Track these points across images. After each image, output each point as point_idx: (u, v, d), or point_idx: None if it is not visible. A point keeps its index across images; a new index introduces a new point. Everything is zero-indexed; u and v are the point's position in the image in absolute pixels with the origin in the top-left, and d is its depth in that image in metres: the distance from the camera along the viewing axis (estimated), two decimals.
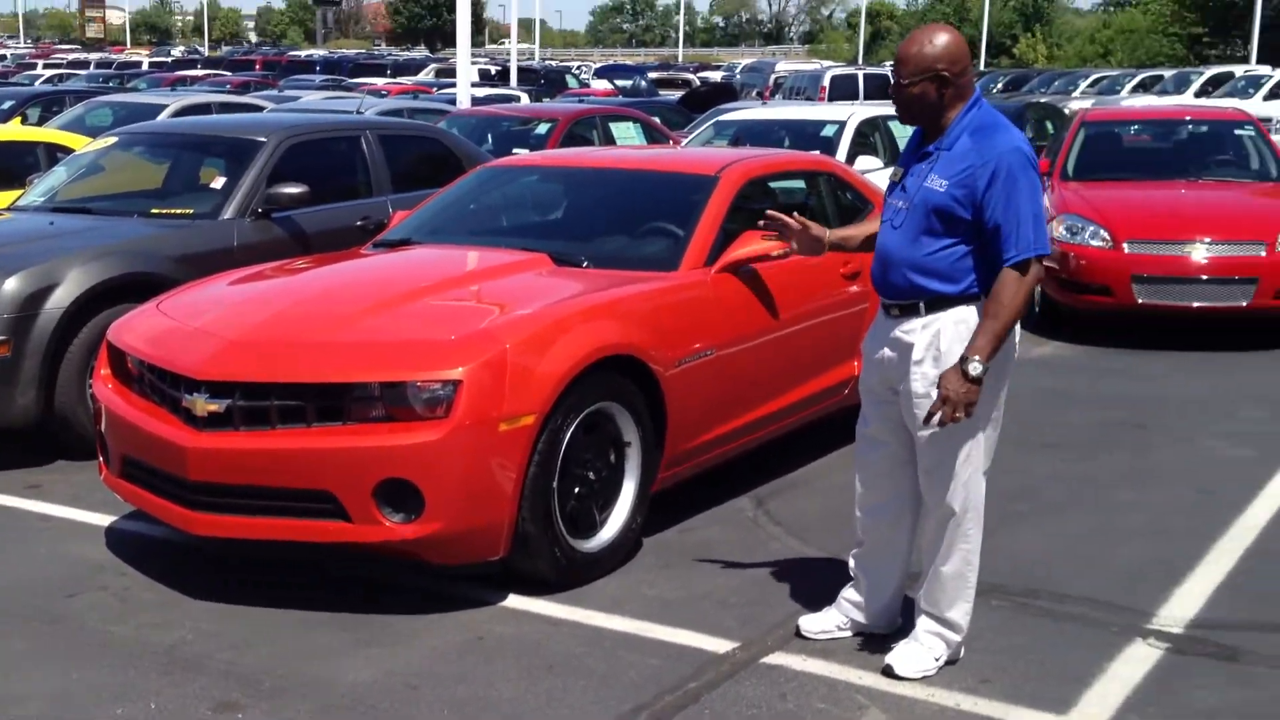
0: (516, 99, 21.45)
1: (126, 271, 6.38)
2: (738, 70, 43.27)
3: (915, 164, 3.97)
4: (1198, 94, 27.28)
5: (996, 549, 5.08)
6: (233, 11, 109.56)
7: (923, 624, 4.14)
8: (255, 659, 4.19)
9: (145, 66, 39.49)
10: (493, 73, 31.88)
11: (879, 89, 24.03)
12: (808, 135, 10.78)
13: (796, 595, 4.69)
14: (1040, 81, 35.63)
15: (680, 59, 70.12)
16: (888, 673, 4.07)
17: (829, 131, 10.69)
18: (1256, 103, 23.53)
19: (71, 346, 6.17)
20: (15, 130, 10.88)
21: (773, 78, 32.11)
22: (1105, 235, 8.96)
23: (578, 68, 44.68)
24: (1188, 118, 11.71)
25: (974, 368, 3.74)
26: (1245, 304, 8.72)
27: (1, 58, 48.98)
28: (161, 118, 11.97)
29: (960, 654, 4.15)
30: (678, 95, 23.15)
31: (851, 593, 4.34)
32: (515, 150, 10.94)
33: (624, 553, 4.96)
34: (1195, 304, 8.77)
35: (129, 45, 78.48)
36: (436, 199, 6.45)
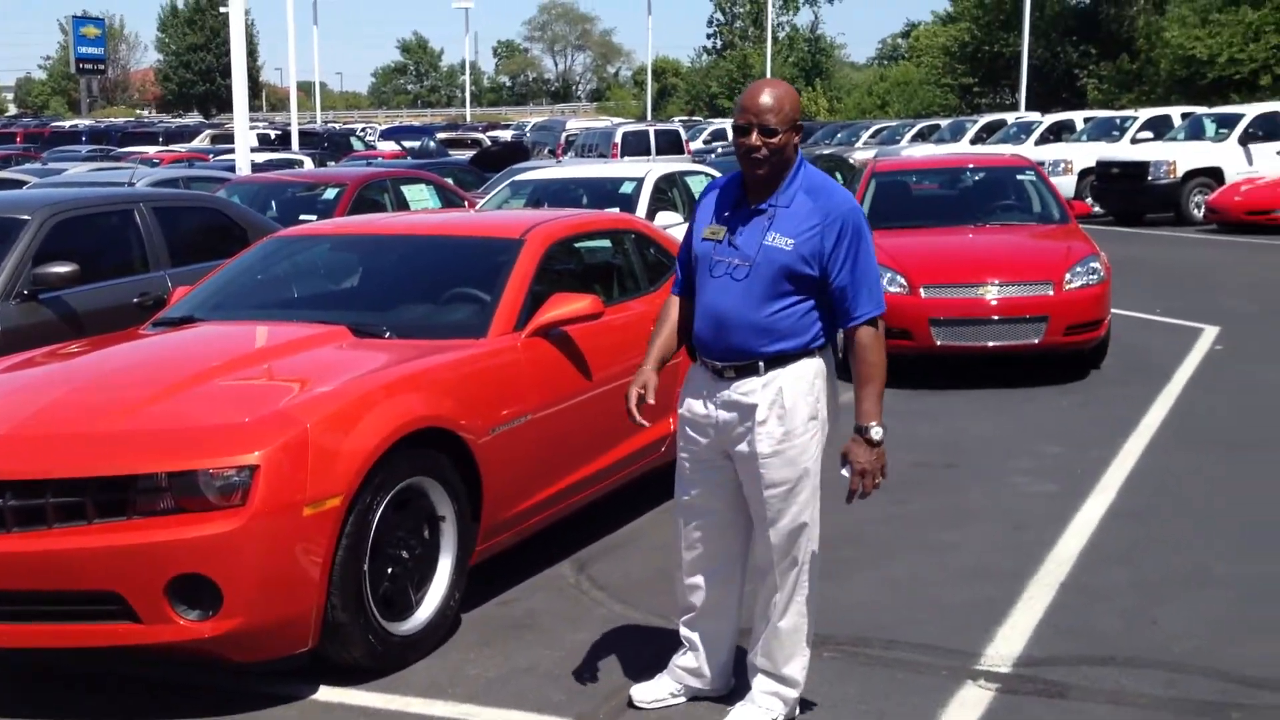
0: (299, 164, 20.95)
1: None
2: (528, 129, 43.38)
3: (743, 221, 3.85)
4: (973, 141, 28.45)
5: (824, 598, 4.99)
6: None
7: (759, 684, 4.04)
8: None
9: None
10: (273, 137, 31.19)
11: (670, 144, 24.37)
12: (606, 193, 10.75)
13: (626, 663, 4.53)
14: (824, 133, 36.80)
15: (468, 118, 70.05)
16: None
17: (627, 189, 10.68)
18: (1029, 147, 24.64)
19: None
20: None
21: (564, 135, 32.25)
22: (902, 281, 9.14)
23: (363, 130, 44.11)
24: (971, 165, 12.11)
25: (876, 433, 3.75)
26: (1037, 341, 9.00)
27: None
28: None
29: (797, 711, 4.07)
30: (469, 155, 23.03)
31: (684, 659, 4.21)
32: (303, 217, 10.58)
33: (443, 632, 4.76)
34: (990, 344, 9.02)
35: None
36: (221, 272, 6.13)
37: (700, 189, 9.87)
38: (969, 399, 8.84)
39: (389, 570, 4.50)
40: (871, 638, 4.75)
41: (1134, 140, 23.66)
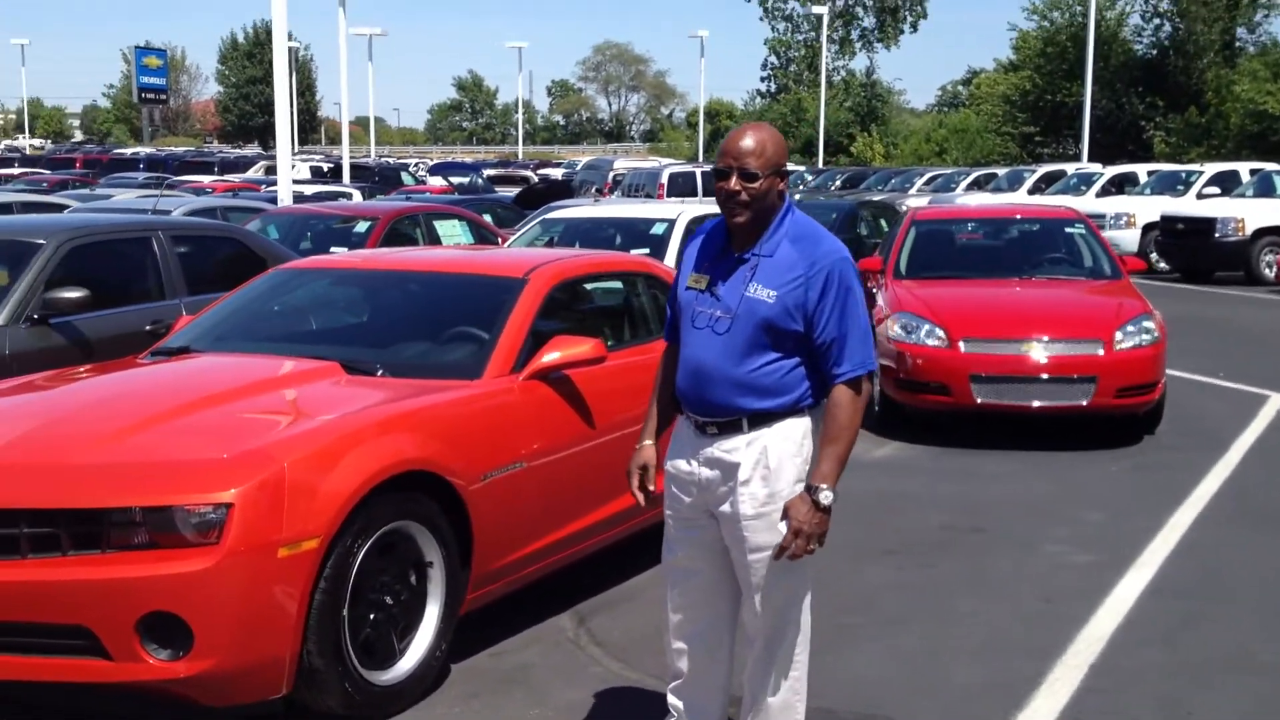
0: (348, 196, 20.95)
1: None
2: (578, 167, 43.42)
3: (725, 270, 3.61)
4: (1031, 191, 27.95)
5: (829, 669, 4.78)
6: (56, 110, 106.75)
7: None
8: None
9: None
10: (325, 170, 31.35)
11: None
12: (637, 233, 10.51)
13: None
14: (877, 179, 36.43)
15: (520, 156, 70.37)
16: None
17: (659, 230, 10.42)
18: (1089, 199, 24.17)
19: None
20: None
21: (611, 175, 32.19)
22: (940, 334, 8.82)
23: (415, 165, 44.31)
24: (1019, 216, 11.74)
25: (825, 496, 3.50)
26: (1085, 403, 8.59)
27: None
28: None
29: None
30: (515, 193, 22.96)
31: None
32: (333, 250, 10.45)
33: (428, 682, 4.55)
34: (1035, 403, 8.62)
35: None
36: (223, 303, 5.98)
37: None
38: (1007, 459, 8.47)
39: (371, 616, 4.32)
40: (876, 715, 4.45)
41: (1200, 195, 23.03)
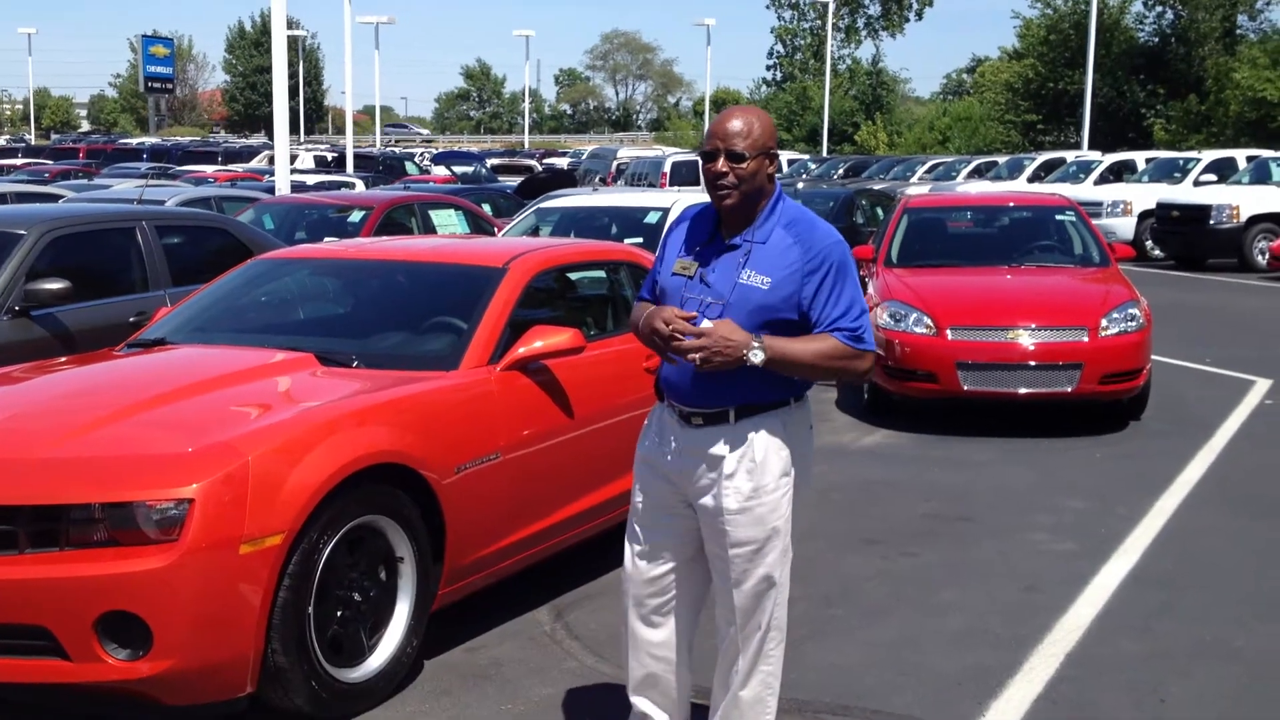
0: (350, 186, 20.93)
1: None
2: (584, 156, 43.35)
3: (715, 257, 3.55)
4: (1030, 179, 27.89)
5: (807, 659, 4.77)
6: (63, 100, 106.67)
7: None
8: None
9: None
10: (329, 159, 31.31)
11: None
12: (632, 221, 10.48)
13: None
14: (879, 167, 36.42)
15: (526, 145, 70.20)
16: None
17: (653, 218, 10.40)
18: (1088, 186, 24.13)
19: None
20: None
21: (615, 164, 32.11)
22: (928, 322, 8.79)
23: (420, 154, 44.24)
24: (1010, 204, 11.71)
25: (756, 355, 3.36)
26: (1070, 389, 8.59)
27: None
28: None
29: None
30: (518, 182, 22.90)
31: None
32: (327, 240, 10.43)
33: (398, 680, 4.50)
34: (1021, 390, 8.62)
35: None
36: (201, 295, 5.94)
37: None
38: (993, 447, 8.44)
39: (339, 613, 4.27)
40: (853, 705, 4.43)
41: (1196, 183, 22.99)
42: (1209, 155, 25.49)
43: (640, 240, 9.52)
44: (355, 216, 11.72)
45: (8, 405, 4.66)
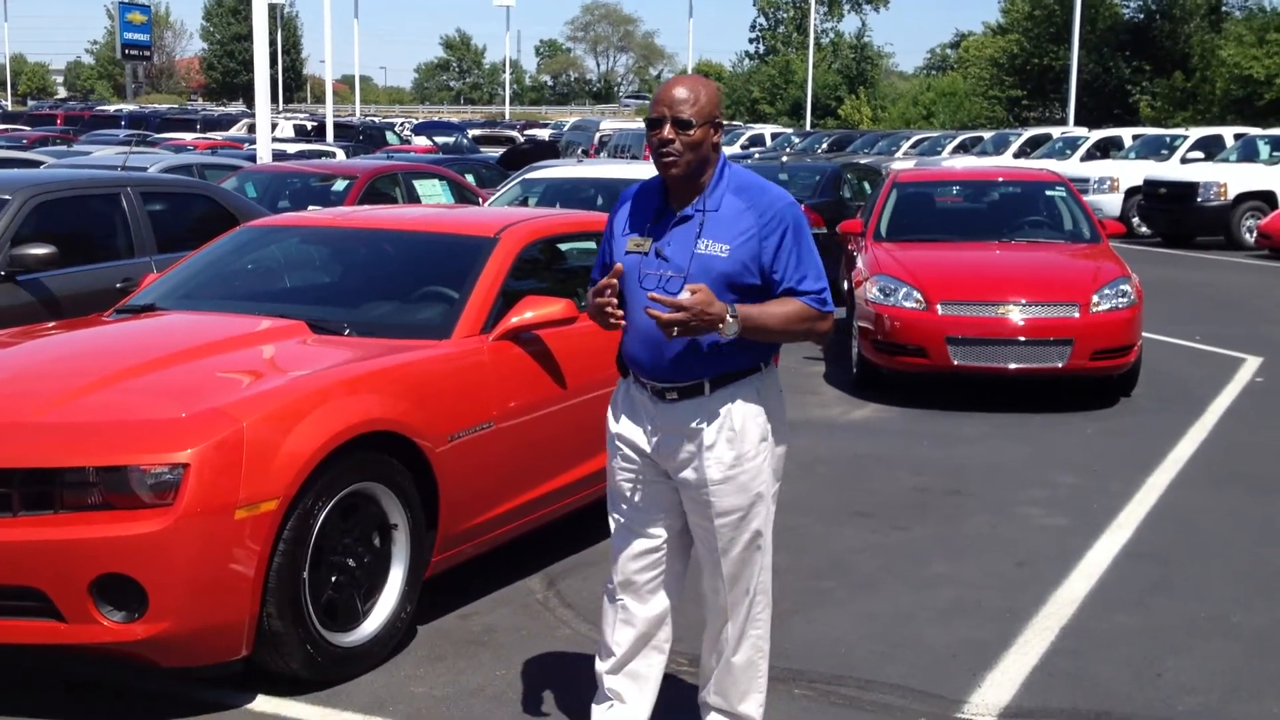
0: (332, 155, 20.78)
1: None
2: (565, 128, 43.16)
3: (668, 229, 3.50)
4: (1016, 155, 27.88)
5: (799, 631, 4.77)
6: (39, 66, 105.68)
7: None
8: None
9: None
10: (309, 128, 31.10)
11: None
12: (617, 194, 10.41)
13: (579, 688, 4.19)
14: (864, 142, 36.23)
15: (507, 116, 69.83)
16: None
17: None
18: (1074, 163, 24.14)
19: None
20: None
21: (598, 135, 31.97)
22: (918, 296, 8.77)
23: (401, 124, 43.98)
24: (1000, 179, 11.69)
25: (732, 329, 3.33)
26: (1061, 365, 8.58)
27: None
28: None
29: None
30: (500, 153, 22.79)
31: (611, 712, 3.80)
32: (311, 208, 10.34)
33: (393, 644, 4.51)
34: (1011, 366, 8.61)
35: None
36: (189, 261, 5.88)
37: None
38: (984, 422, 8.45)
39: (333, 578, 4.28)
40: (846, 676, 4.42)
41: (1184, 160, 23.01)
42: (1196, 132, 25.54)
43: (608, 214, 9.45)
44: (339, 185, 11.64)
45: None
